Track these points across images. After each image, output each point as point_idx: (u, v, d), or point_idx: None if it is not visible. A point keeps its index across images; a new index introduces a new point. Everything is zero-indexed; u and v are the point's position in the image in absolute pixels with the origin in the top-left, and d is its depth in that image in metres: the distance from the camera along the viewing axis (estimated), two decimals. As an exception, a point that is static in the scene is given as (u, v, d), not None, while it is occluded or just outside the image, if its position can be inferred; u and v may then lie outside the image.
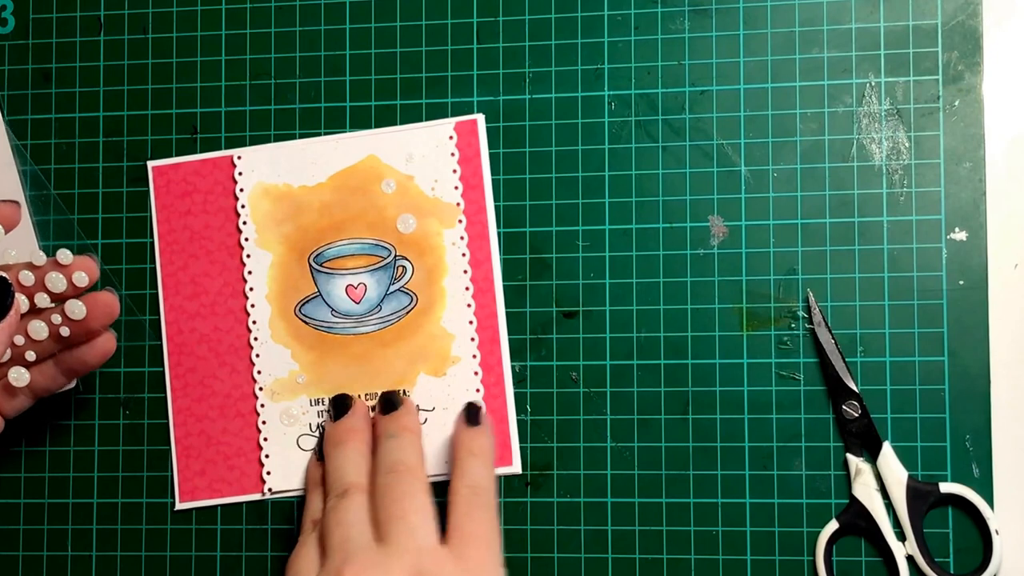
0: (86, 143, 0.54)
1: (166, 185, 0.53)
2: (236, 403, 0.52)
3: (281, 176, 0.53)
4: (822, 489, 0.49)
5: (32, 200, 0.54)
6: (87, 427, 0.53)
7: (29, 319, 0.47)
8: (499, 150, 0.52)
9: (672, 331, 0.50)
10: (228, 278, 0.53)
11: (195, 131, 0.54)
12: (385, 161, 0.52)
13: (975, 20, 0.50)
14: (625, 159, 0.51)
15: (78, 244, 0.53)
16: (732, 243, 0.50)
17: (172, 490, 0.52)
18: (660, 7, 0.51)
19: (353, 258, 0.52)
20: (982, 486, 0.48)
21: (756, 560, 0.49)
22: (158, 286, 0.53)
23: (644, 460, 0.50)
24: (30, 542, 0.53)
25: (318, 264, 0.52)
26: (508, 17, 0.52)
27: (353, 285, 0.52)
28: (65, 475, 0.53)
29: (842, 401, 0.49)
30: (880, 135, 0.50)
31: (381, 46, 0.53)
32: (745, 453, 0.50)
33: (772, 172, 0.50)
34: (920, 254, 0.49)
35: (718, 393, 0.50)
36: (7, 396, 0.48)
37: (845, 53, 0.50)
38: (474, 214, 0.52)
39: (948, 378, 0.49)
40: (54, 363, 0.48)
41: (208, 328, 0.53)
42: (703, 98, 0.51)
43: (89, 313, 0.47)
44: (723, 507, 0.50)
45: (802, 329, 0.50)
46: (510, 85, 0.52)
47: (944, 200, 0.49)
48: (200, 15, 0.54)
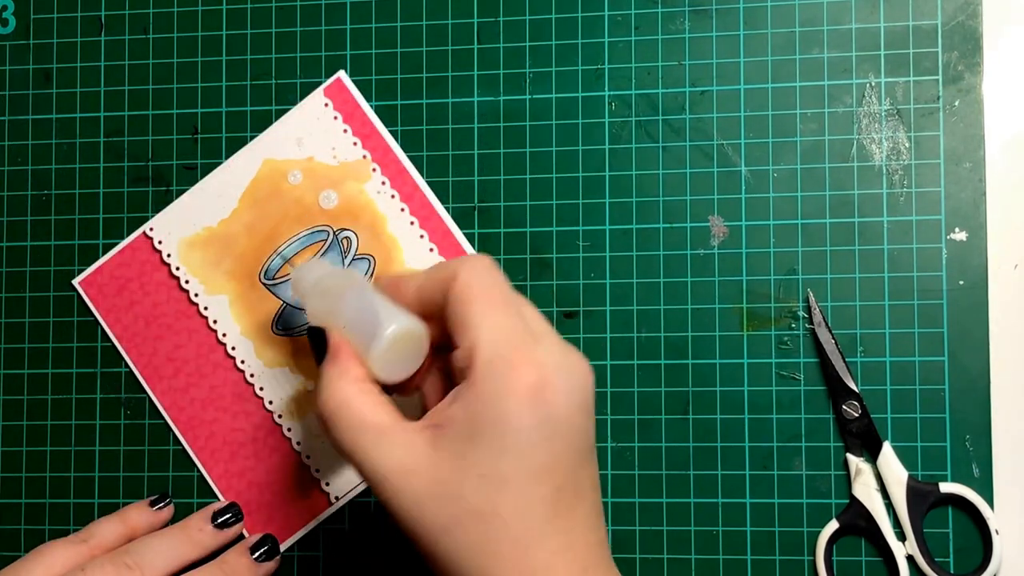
0: (87, 143, 0.54)
1: (99, 291, 0.53)
2: (266, 442, 0.52)
3: (196, 224, 0.53)
4: (822, 489, 0.49)
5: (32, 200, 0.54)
6: (88, 427, 0.53)
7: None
8: (499, 150, 0.52)
9: (672, 331, 0.50)
10: (198, 339, 0.53)
11: (196, 131, 0.54)
12: (280, 158, 0.53)
13: (975, 20, 0.50)
14: (625, 159, 0.51)
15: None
16: (732, 243, 0.50)
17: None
18: (660, 7, 0.52)
19: (298, 256, 0.52)
20: (982, 486, 0.48)
21: (756, 560, 0.49)
22: (140, 380, 0.53)
23: (644, 460, 0.50)
24: (31, 542, 0.53)
25: (270, 279, 0.52)
26: (508, 17, 0.52)
27: None
28: (66, 475, 0.53)
29: (842, 401, 0.49)
30: (880, 135, 0.50)
31: (381, 46, 0.53)
32: (745, 453, 0.50)
33: (772, 172, 0.50)
34: (920, 254, 0.49)
35: (718, 393, 0.50)
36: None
37: (845, 53, 0.50)
38: (382, 157, 0.52)
39: (948, 378, 0.49)
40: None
41: (205, 392, 0.53)
42: (703, 98, 0.51)
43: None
44: (723, 507, 0.50)
45: (802, 329, 0.50)
46: (510, 85, 0.52)
47: (944, 200, 0.50)
48: (201, 15, 0.54)
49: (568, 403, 0.39)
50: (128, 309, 0.53)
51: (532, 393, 0.38)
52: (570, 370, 0.40)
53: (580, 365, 0.40)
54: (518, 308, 0.41)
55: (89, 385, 0.54)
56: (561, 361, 0.40)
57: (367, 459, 0.41)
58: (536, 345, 0.39)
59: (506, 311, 0.40)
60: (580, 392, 0.40)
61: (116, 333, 0.53)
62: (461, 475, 0.39)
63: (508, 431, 0.38)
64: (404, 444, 0.40)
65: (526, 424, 0.38)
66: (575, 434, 0.39)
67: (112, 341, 0.53)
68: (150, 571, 0.47)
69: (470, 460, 0.38)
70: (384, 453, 0.40)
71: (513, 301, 0.41)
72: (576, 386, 0.39)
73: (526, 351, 0.39)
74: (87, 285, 0.54)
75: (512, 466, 0.38)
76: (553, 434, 0.39)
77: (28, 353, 0.54)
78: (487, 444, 0.38)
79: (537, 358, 0.39)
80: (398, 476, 0.40)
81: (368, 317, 0.43)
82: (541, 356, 0.39)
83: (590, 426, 0.40)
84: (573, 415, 0.39)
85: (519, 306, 0.41)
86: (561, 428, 0.39)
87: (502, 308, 0.40)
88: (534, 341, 0.40)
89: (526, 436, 0.38)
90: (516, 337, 0.39)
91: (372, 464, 0.40)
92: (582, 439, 0.40)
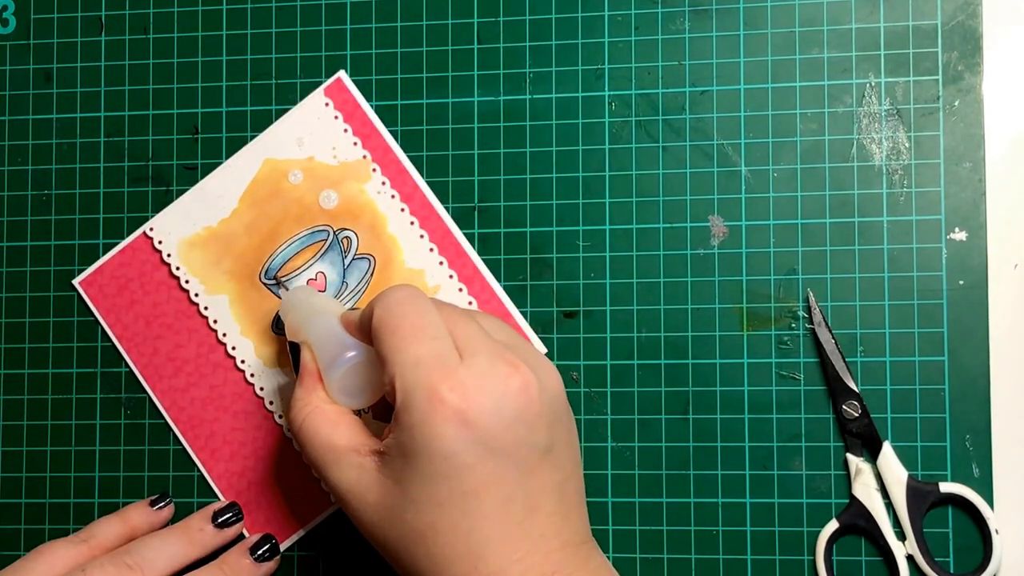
0: (87, 143, 0.54)
1: (99, 291, 0.53)
2: (265, 442, 0.52)
3: (197, 223, 0.53)
4: (822, 489, 0.49)
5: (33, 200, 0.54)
6: (88, 427, 0.53)
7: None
8: (499, 150, 0.52)
9: (672, 331, 0.50)
10: (198, 339, 0.53)
11: (196, 131, 0.54)
12: (281, 157, 0.53)
13: (975, 20, 0.50)
14: (625, 159, 0.51)
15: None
16: (732, 243, 0.50)
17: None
18: (660, 7, 0.52)
19: (299, 255, 0.52)
20: (982, 486, 0.48)
21: (756, 560, 0.49)
22: (140, 380, 0.53)
23: (644, 460, 0.50)
24: (32, 542, 0.53)
25: (270, 279, 0.52)
26: (509, 17, 0.52)
27: (312, 278, 0.52)
28: (66, 475, 0.53)
29: (842, 401, 0.49)
30: (880, 135, 0.50)
31: (381, 46, 0.53)
32: (745, 453, 0.50)
33: (772, 172, 0.50)
34: (920, 254, 0.49)
35: (718, 393, 0.50)
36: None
37: (845, 53, 0.50)
38: (382, 157, 0.52)
39: (948, 378, 0.49)
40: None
41: (205, 392, 0.53)
42: (703, 98, 0.51)
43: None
44: (723, 507, 0.50)
45: (802, 329, 0.50)
46: (510, 85, 0.52)
47: (944, 200, 0.50)
48: (201, 15, 0.54)
49: (496, 420, 0.39)
50: (128, 309, 0.53)
51: (455, 417, 0.39)
52: (495, 386, 0.39)
53: (511, 377, 0.40)
54: (435, 333, 0.40)
55: (89, 385, 0.54)
56: (484, 379, 0.39)
57: (328, 477, 0.43)
58: (457, 367, 0.39)
59: (419, 340, 0.40)
60: (510, 406, 0.39)
61: (116, 333, 0.53)
62: (402, 499, 0.40)
63: (434, 457, 0.39)
64: (356, 467, 0.42)
65: (453, 449, 0.39)
66: (513, 447, 0.39)
67: (112, 341, 0.53)
68: (150, 571, 0.47)
69: (406, 486, 0.40)
70: (340, 473, 0.42)
71: (429, 327, 0.41)
72: (503, 401, 0.39)
73: (444, 376, 0.39)
74: (87, 285, 0.54)
75: (445, 489, 0.39)
76: (487, 453, 0.39)
77: (28, 353, 0.54)
78: (419, 471, 0.39)
79: (457, 381, 0.39)
80: (352, 496, 0.42)
81: (333, 344, 0.44)
82: (462, 378, 0.39)
83: (534, 434, 0.40)
84: (506, 431, 0.39)
85: (437, 330, 0.41)
86: (494, 445, 0.39)
87: (414, 338, 0.40)
88: (456, 363, 0.40)
89: (454, 460, 0.39)
90: (432, 364, 0.39)
91: (331, 482, 0.42)
92: (523, 450, 0.40)
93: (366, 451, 0.42)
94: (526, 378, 0.40)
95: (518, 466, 0.40)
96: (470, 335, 0.41)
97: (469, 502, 0.39)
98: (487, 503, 0.39)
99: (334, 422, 0.43)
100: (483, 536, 0.39)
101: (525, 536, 0.40)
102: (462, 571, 0.39)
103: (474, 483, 0.39)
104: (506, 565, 0.39)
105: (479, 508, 0.39)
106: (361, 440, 0.42)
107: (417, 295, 0.42)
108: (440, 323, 0.41)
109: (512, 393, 0.40)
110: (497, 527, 0.39)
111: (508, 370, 0.40)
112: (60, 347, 0.54)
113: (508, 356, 0.40)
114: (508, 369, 0.40)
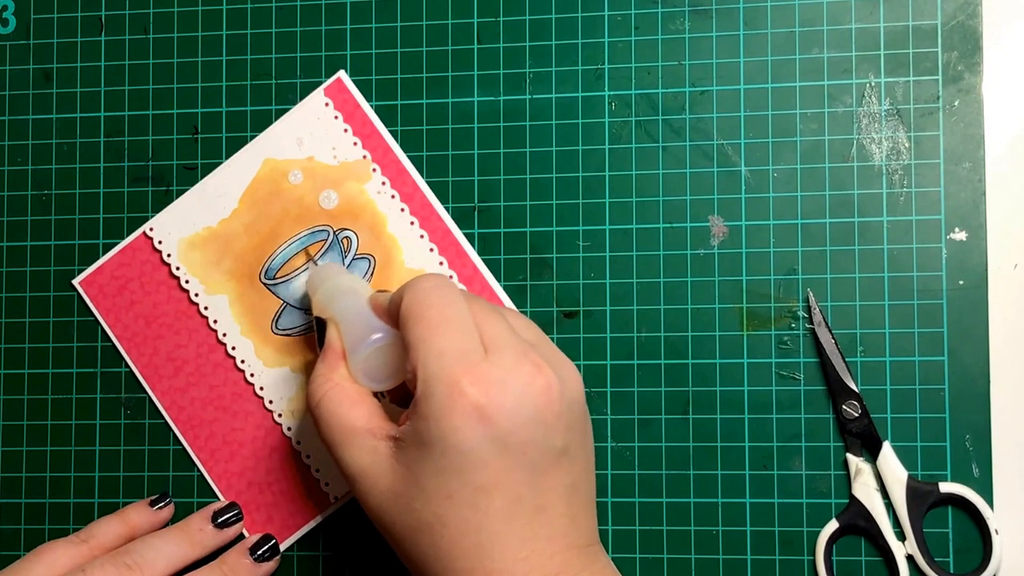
0: (87, 143, 0.54)
1: (99, 291, 0.53)
2: (265, 442, 0.52)
3: (197, 223, 0.53)
4: (822, 489, 0.49)
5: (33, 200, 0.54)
6: (88, 427, 0.53)
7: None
8: (499, 150, 0.52)
9: (672, 331, 0.51)
10: (198, 339, 0.53)
11: (196, 131, 0.54)
12: (281, 157, 0.53)
13: (975, 20, 0.50)
14: (625, 159, 0.51)
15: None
16: (732, 243, 0.50)
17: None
18: (660, 7, 0.52)
19: (299, 255, 0.52)
20: (982, 486, 0.48)
21: (756, 560, 0.49)
22: (140, 380, 0.53)
23: (644, 460, 0.50)
24: (32, 542, 0.53)
25: (270, 279, 0.52)
26: (508, 17, 0.52)
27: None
28: (67, 475, 0.53)
29: (842, 401, 0.49)
30: (880, 135, 0.50)
31: (381, 46, 0.53)
32: (745, 453, 0.50)
33: (772, 172, 0.50)
34: (920, 254, 0.49)
35: (718, 393, 0.50)
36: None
37: (845, 53, 0.50)
38: (382, 157, 0.52)
39: (948, 378, 0.49)
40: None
41: (205, 392, 0.52)
42: (703, 98, 0.51)
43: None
44: (723, 507, 0.50)
45: (802, 329, 0.50)
46: (510, 85, 0.52)
47: (944, 200, 0.50)
48: (201, 15, 0.54)
49: (514, 418, 0.39)
50: (128, 309, 0.53)
51: (474, 412, 0.39)
52: (517, 384, 0.39)
53: (534, 377, 0.40)
54: (462, 325, 0.40)
55: (89, 385, 0.54)
56: (507, 376, 0.39)
57: (341, 457, 0.42)
58: (481, 362, 0.39)
59: (446, 331, 0.40)
60: (529, 405, 0.39)
61: (116, 333, 0.53)
62: (413, 488, 0.40)
63: (449, 450, 0.39)
64: (371, 450, 0.41)
65: (469, 444, 0.39)
66: (529, 447, 0.39)
67: (112, 341, 0.53)
68: (150, 571, 0.47)
69: (417, 475, 0.40)
70: (354, 454, 0.42)
71: (456, 319, 0.41)
72: (523, 400, 0.39)
73: (467, 370, 0.39)
74: (87, 285, 0.54)
75: (456, 483, 0.39)
76: (501, 451, 0.39)
77: (28, 353, 0.54)
78: (432, 462, 0.39)
79: (480, 375, 0.39)
80: (364, 479, 0.41)
81: (361, 324, 0.44)
82: (485, 373, 0.39)
83: (550, 435, 0.40)
84: (521, 429, 0.39)
85: (465, 323, 0.41)
86: (510, 443, 0.39)
87: (441, 329, 0.40)
88: (480, 358, 0.40)
89: (469, 456, 0.39)
90: (456, 356, 0.39)
91: (344, 463, 0.42)
92: (538, 451, 0.40)
93: (382, 435, 0.41)
94: (549, 379, 0.40)
95: (531, 466, 0.40)
96: (497, 331, 0.41)
97: (479, 498, 0.39)
98: (497, 500, 0.39)
99: (353, 401, 0.43)
100: (490, 533, 0.39)
101: (532, 536, 0.40)
102: (466, 566, 0.39)
103: (486, 480, 0.39)
104: (511, 563, 0.39)
105: (489, 505, 0.39)
106: (378, 423, 0.42)
107: (448, 285, 0.42)
108: (468, 316, 0.41)
109: (534, 393, 0.40)
110: (505, 525, 0.39)
111: (532, 370, 0.40)
112: (60, 347, 0.54)
113: (533, 356, 0.40)
114: (532, 369, 0.40)
